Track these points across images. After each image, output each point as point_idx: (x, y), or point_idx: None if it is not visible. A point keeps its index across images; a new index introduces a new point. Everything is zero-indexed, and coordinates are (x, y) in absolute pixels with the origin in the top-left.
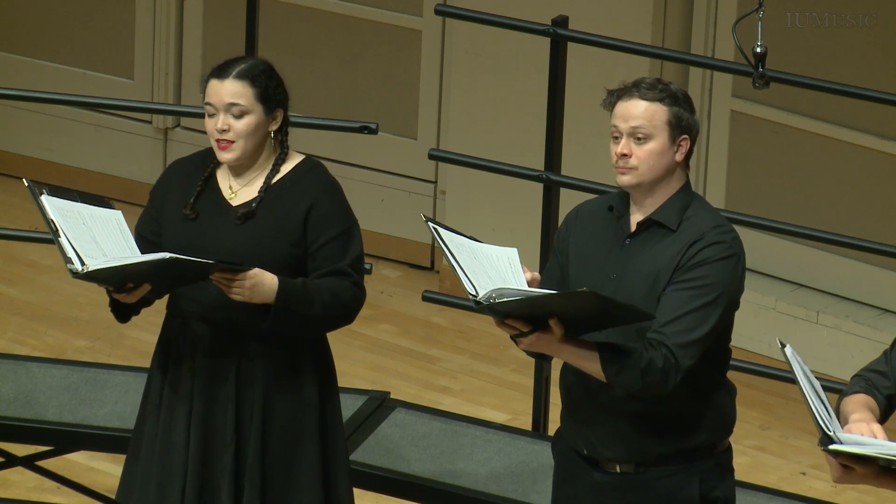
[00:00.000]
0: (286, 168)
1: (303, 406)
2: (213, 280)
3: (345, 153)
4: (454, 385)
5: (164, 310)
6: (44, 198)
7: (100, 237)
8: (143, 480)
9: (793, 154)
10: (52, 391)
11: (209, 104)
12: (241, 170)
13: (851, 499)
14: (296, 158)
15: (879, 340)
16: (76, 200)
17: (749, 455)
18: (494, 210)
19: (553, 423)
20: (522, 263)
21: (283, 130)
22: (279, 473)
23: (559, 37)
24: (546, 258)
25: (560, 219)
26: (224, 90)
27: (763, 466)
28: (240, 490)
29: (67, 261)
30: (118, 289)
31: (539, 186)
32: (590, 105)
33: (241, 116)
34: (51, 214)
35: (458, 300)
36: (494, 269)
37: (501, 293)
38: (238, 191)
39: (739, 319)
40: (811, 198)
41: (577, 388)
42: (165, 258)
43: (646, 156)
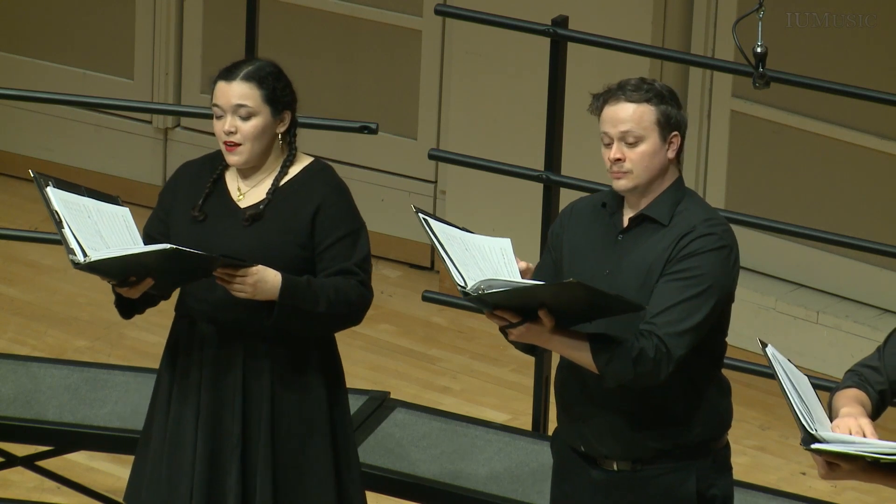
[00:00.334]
0: (294, 170)
1: (311, 406)
2: (216, 276)
3: (345, 153)
4: (454, 385)
5: (167, 310)
6: (49, 189)
7: (105, 231)
8: (152, 480)
9: (793, 154)
10: (52, 391)
11: (217, 106)
12: (250, 172)
13: (851, 499)
14: (304, 160)
15: (879, 340)
16: (83, 195)
17: (749, 455)
18: (494, 210)
19: (553, 423)
20: (515, 254)
21: (292, 132)
22: (290, 474)
23: (559, 37)
24: None
25: None
26: (231, 92)
27: (763, 466)
28: (247, 490)
29: (70, 252)
30: (121, 282)
31: (539, 186)
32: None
33: (249, 118)
34: (55, 205)
35: (458, 300)
36: (486, 261)
37: (490, 284)
38: (246, 192)
39: (740, 319)
40: (811, 198)
41: (572, 384)
42: (167, 248)
43: (639, 158)
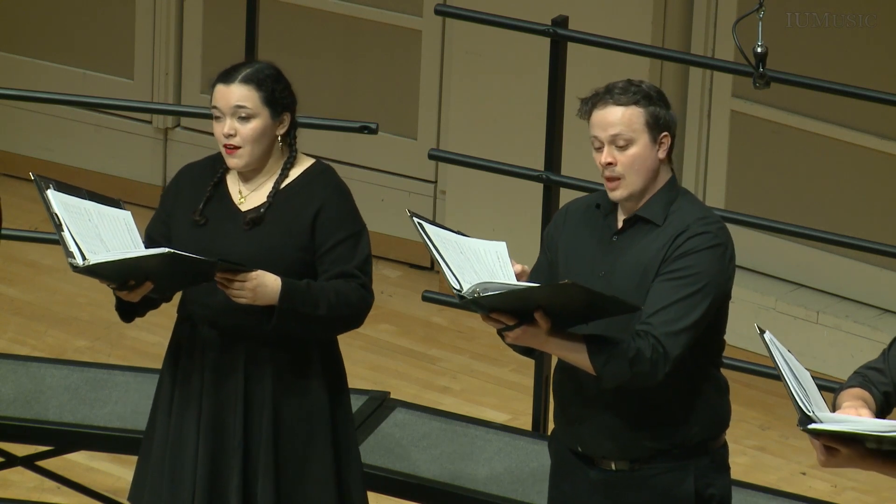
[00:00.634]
0: (295, 172)
1: (312, 410)
2: (217, 281)
3: (345, 153)
4: (454, 385)
5: (168, 310)
6: (49, 192)
7: (105, 234)
8: (154, 482)
9: (793, 154)
10: (52, 391)
11: (216, 108)
12: (251, 174)
13: (851, 499)
14: (305, 162)
15: (879, 340)
16: (84, 198)
17: (749, 455)
18: (494, 210)
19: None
20: (513, 256)
21: (291, 134)
22: (292, 477)
23: (559, 37)
24: None
25: None
26: (230, 94)
27: (763, 466)
28: (249, 494)
29: (69, 255)
30: (120, 286)
31: (539, 186)
32: None
33: (248, 120)
34: (55, 208)
35: None
36: (481, 264)
37: (486, 287)
38: (247, 196)
39: (740, 319)
40: (811, 198)
41: (568, 385)
42: (165, 253)
43: (630, 161)
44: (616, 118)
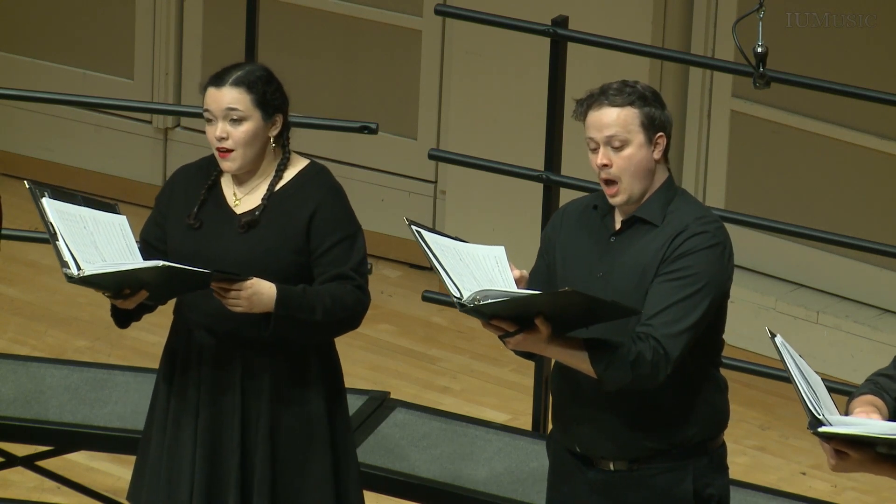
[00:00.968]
0: (289, 174)
1: (310, 415)
2: (213, 290)
3: (345, 153)
4: (454, 385)
5: (167, 310)
6: (45, 200)
7: (100, 242)
8: (152, 483)
9: (793, 154)
10: (52, 391)
11: (208, 111)
12: (245, 177)
13: (851, 499)
14: (299, 164)
15: (879, 340)
16: (80, 204)
17: (749, 455)
18: (494, 210)
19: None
20: (510, 261)
21: (284, 135)
22: (289, 484)
23: (559, 37)
24: None
25: None
26: (221, 97)
27: (763, 466)
28: (247, 496)
29: (63, 265)
30: (115, 295)
31: (539, 186)
32: None
33: (240, 123)
34: (50, 217)
35: None
36: (480, 270)
37: (486, 294)
38: (242, 198)
39: (740, 319)
40: (811, 198)
41: (566, 386)
42: (159, 266)
43: (625, 162)
44: (611, 119)
